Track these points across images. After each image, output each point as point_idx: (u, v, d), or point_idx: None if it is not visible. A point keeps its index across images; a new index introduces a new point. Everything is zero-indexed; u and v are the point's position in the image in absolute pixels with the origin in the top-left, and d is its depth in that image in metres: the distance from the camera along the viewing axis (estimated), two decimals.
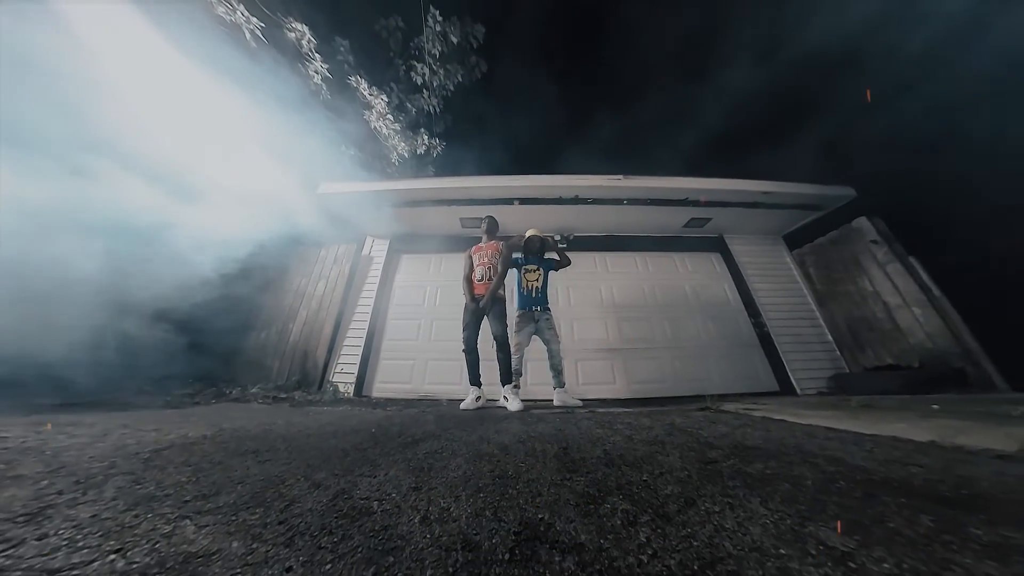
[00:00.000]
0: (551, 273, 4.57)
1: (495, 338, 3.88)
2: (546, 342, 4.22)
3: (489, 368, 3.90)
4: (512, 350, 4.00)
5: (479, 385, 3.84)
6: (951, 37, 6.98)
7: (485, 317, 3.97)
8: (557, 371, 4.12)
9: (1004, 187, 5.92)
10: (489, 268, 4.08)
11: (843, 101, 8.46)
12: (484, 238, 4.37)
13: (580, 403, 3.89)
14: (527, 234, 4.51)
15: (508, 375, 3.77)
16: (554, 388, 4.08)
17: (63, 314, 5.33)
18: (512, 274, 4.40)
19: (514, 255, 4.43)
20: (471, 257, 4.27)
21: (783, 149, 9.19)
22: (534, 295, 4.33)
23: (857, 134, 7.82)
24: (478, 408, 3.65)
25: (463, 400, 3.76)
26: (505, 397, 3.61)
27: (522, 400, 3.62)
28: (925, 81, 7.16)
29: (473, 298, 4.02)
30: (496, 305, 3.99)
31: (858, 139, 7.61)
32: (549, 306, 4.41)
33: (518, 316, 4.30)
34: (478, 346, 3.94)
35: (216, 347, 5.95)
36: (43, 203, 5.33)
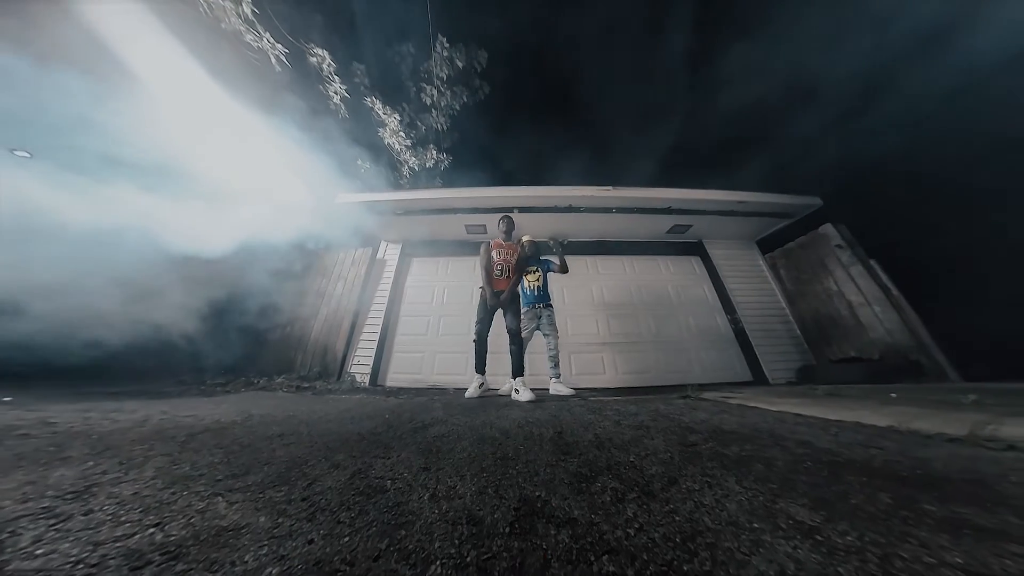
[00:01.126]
0: (549, 274, 4.56)
1: (509, 332, 3.79)
2: (546, 336, 4.20)
3: (496, 360, 3.86)
4: (510, 343, 3.94)
5: (483, 373, 3.77)
6: (906, 63, 6.99)
7: (498, 312, 3.87)
8: (554, 363, 4.11)
9: (954, 196, 5.93)
10: (506, 265, 3.96)
11: (812, 119, 8.46)
12: (502, 237, 4.16)
13: (574, 392, 3.88)
14: (523, 240, 4.52)
15: (520, 368, 3.65)
16: (550, 378, 4.07)
17: (121, 314, 5.38)
18: None
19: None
20: (492, 252, 4.03)
21: (757, 162, 9.19)
22: (537, 293, 4.31)
23: (823, 149, 7.83)
24: (481, 396, 3.60)
25: (467, 389, 3.70)
26: (516, 389, 3.50)
27: (530, 396, 3.37)
28: (884, 102, 7.17)
29: (494, 292, 3.85)
30: (513, 302, 3.92)
31: (824, 153, 7.62)
32: (551, 303, 4.39)
33: (524, 312, 4.28)
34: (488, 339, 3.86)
35: (245, 341, 5.97)
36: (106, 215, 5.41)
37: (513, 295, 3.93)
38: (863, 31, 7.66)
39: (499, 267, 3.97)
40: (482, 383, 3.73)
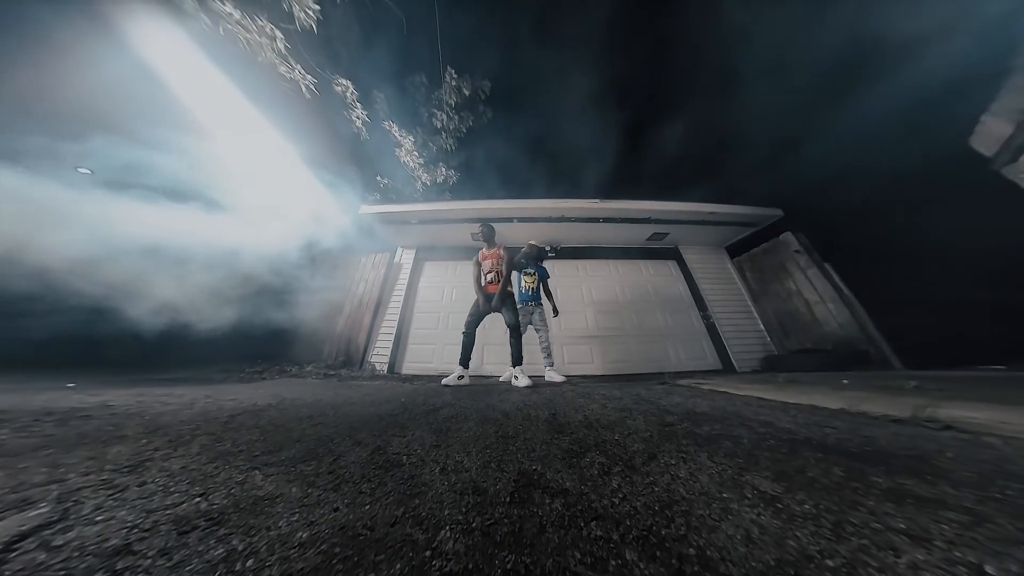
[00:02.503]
0: (542, 283, 4.54)
1: (509, 326, 3.68)
2: (539, 331, 4.21)
3: (498, 351, 3.83)
4: (510, 335, 3.90)
5: (466, 366, 3.58)
6: (854, 95, 7.02)
7: (489, 310, 3.78)
8: (547, 353, 4.12)
9: (897, 209, 5.95)
10: (495, 272, 3.87)
11: (775, 140, 8.47)
12: (484, 246, 4.06)
13: (565, 379, 3.87)
14: (529, 243, 4.53)
15: (519, 358, 3.57)
16: (545, 367, 4.07)
17: (178, 313, 5.42)
18: (514, 274, 4.29)
19: (518, 259, 4.34)
20: (479, 264, 3.99)
21: (727, 178, 9.19)
22: (530, 294, 4.32)
23: (785, 165, 7.84)
24: (458, 385, 3.36)
25: (459, 377, 3.45)
26: (516, 376, 3.43)
27: (528, 382, 3.35)
28: (838, 125, 7.18)
29: (487, 298, 3.77)
30: (508, 299, 3.83)
31: (785, 169, 7.64)
32: (542, 303, 4.39)
33: (519, 308, 4.27)
34: (476, 332, 3.77)
35: (279, 334, 5.98)
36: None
37: (507, 293, 3.83)
38: (819, 71, 7.71)
39: (489, 274, 3.89)
40: (462, 376, 3.50)
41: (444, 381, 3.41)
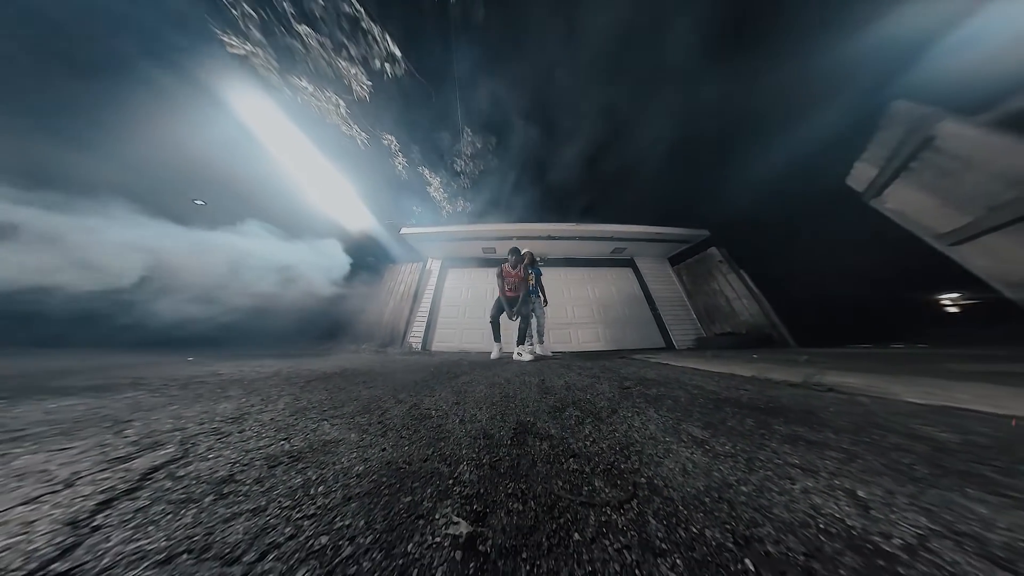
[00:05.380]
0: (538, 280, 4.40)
1: (518, 315, 3.64)
2: (536, 317, 4.13)
3: (505, 334, 3.73)
4: (520, 322, 3.80)
5: (499, 343, 3.62)
6: (765, 149, 7.00)
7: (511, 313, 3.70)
8: (540, 334, 4.06)
9: (795, 227, 5.96)
10: (516, 285, 3.77)
11: (706, 179, 8.44)
12: (511, 264, 3.77)
13: (552, 354, 3.83)
14: (527, 253, 4.35)
15: (522, 338, 3.53)
16: (536, 344, 4.01)
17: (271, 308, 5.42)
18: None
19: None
20: (503, 277, 3.79)
21: (669, 205, 9.14)
22: (531, 288, 4.18)
23: (711, 197, 7.83)
24: (498, 358, 3.44)
25: (489, 353, 3.52)
26: (519, 352, 3.36)
27: (531, 356, 3.31)
28: (751, 168, 7.18)
29: (509, 302, 3.71)
30: (517, 302, 3.74)
31: (712, 201, 7.63)
32: (539, 295, 4.22)
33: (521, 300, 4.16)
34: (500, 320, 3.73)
35: (343, 321, 5.98)
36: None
37: (517, 298, 3.77)
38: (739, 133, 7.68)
39: (511, 287, 3.80)
40: (499, 348, 3.58)
41: (492, 356, 3.43)
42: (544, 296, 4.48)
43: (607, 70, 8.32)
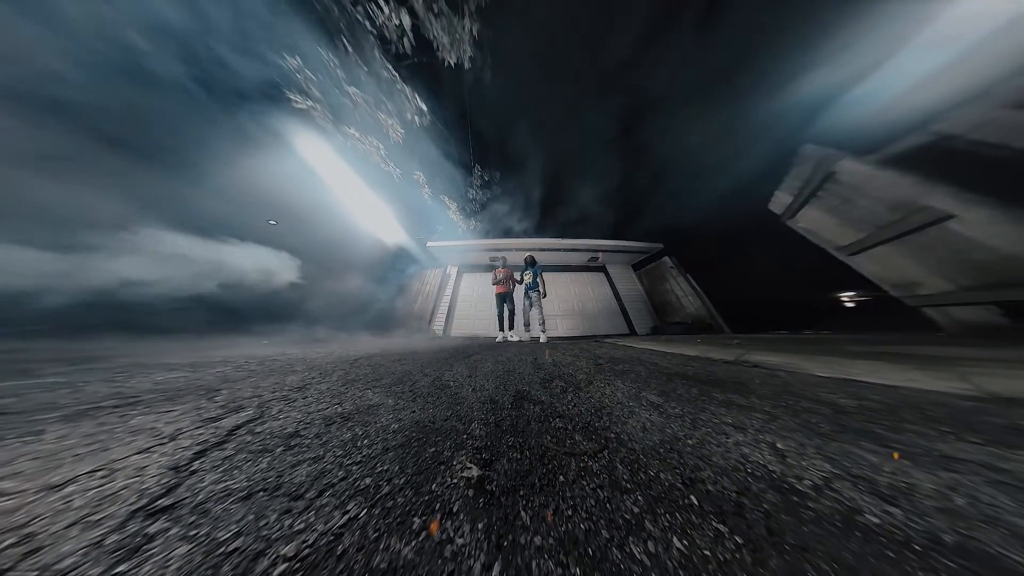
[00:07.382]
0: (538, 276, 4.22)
1: (510, 309, 3.73)
2: (534, 308, 4.00)
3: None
4: (519, 312, 3.82)
5: (503, 330, 3.66)
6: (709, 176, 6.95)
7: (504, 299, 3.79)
8: (541, 322, 3.90)
9: (729, 241, 5.94)
10: (506, 281, 3.87)
11: (661, 201, 8.38)
12: (501, 264, 4.09)
13: (547, 339, 3.77)
14: (527, 255, 4.19)
15: (511, 324, 3.58)
16: (537, 330, 3.92)
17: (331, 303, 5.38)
18: (527, 273, 4.04)
19: (524, 266, 4.13)
20: (496, 274, 3.97)
21: (632, 223, 9.10)
22: (531, 285, 3.96)
23: (665, 217, 7.80)
24: (503, 342, 3.42)
25: (495, 337, 3.57)
26: (511, 336, 3.44)
27: (518, 338, 3.46)
28: (694, 195, 7.14)
29: (499, 295, 3.82)
30: (510, 297, 3.85)
31: (665, 220, 7.60)
32: (538, 290, 3.97)
33: (523, 295, 4.00)
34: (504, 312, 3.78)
35: (385, 312, 5.95)
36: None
37: (510, 292, 3.82)
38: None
39: (503, 283, 3.88)
40: (504, 335, 3.62)
41: (497, 340, 3.43)
42: (543, 289, 4.34)
43: (574, 130, 8.26)
